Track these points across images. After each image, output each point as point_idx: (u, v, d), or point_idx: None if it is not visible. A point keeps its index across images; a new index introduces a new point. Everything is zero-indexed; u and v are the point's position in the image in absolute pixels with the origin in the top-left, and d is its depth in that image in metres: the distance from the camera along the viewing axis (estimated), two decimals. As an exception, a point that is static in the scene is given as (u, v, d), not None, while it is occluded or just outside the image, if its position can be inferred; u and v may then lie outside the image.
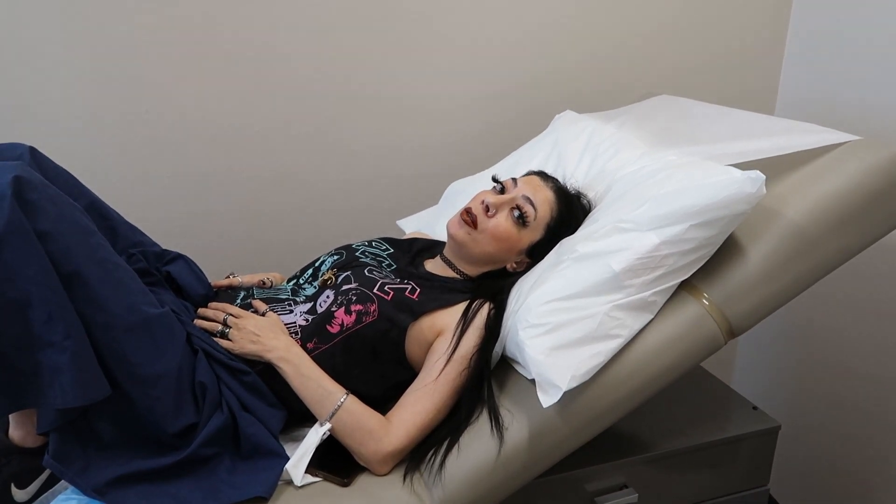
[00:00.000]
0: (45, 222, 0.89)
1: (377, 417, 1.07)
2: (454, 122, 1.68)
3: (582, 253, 1.06)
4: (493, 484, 1.03)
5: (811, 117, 1.29)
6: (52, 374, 0.89)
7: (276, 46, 1.53)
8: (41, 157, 1.09)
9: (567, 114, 1.52)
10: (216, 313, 1.15)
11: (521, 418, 1.04)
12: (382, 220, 1.65)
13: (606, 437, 1.07)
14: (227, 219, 1.62)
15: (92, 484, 0.95)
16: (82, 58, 1.45)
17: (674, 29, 1.73)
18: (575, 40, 1.68)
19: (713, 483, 1.28)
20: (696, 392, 1.39)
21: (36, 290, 0.87)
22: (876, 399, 1.62)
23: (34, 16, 1.40)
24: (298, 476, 1.02)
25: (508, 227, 1.18)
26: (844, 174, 1.07)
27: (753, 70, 1.81)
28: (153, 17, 1.45)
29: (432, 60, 1.62)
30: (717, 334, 1.06)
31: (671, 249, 1.02)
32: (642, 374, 1.04)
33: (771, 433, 1.28)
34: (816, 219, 1.06)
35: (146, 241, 1.22)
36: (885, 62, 1.52)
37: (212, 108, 1.54)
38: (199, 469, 1.01)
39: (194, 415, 1.02)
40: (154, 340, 0.99)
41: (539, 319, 1.02)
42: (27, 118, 1.46)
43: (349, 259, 1.25)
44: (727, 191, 0.99)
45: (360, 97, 1.61)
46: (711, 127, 1.29)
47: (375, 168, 1.66)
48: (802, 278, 1.07)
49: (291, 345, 1.10)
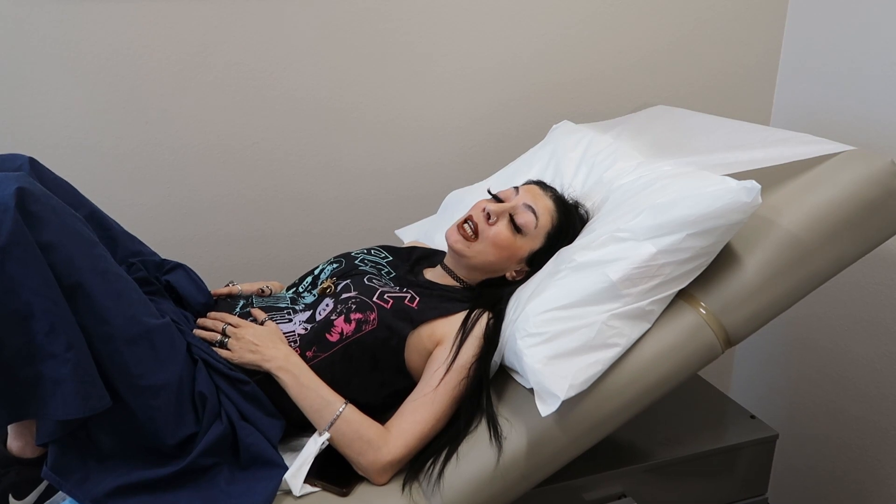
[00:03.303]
0: (47, 234, 0.89)
1: (376, 427, 1.07)
2: (452, 137, 1.68)
3: (580, 262, 1.06)
4: (491, 493, 1.03)
5: (806, 128, 1.30)
6: (54, 386, 0.89)
7: (275, 61, 1.54)
8: (41, 167, 1.09)
9: (564, 124, 1.53)
10: (215, 323, 1.15)
11: (519, 427, 1.04)
12: (381, 229, 1.65)
13: (605, 447, 1.07)
14: (226, 228, 1.62)
15: (91, 495, 0.95)
16: (82, 69, 1.45)
17: (669, 42, 1.74)
18: (571, 54, 1.69)
19: (711, 492, 1.28)
20: (693, 401, 1.39)
21: (38, 302, 0.87)
22: (873, 408, 1.62)
23: (35, 28, 1.41)
24: (297, 486, 1.02)
25: (509, 235, 1.18)
26: (839, 184, 1.08)
27: (749, 81, 1.82)
28: (154, 29, 1.46)
29: (430, 74, 1.62)
30: (715, 343, 1.06)
31: (668, 259, 1.02)
32: (640, 383, 1.04)
33: (768, 442, 1.28)
34: (811, 228, 1.07)
35: (146, 251, 1.22)
36: (879, 73, 1.53)
37: (212, 120, 1.54)
38: (199, 479, 1.01)
39: (194, 425, 1.02)
40: (155, 351, 0.99)
41: (537, 328, 1.02)
42: (27, 130, 1.46)
43: (348, 267, 1.26)
44: (723, 200, 1.00)
45: (359, 111, 1.61)
46: (707, 137, 1.30)
47: (373, 179, 1.67)
48: (798, 287, 1.08)
49: (290, 354, 1.10)
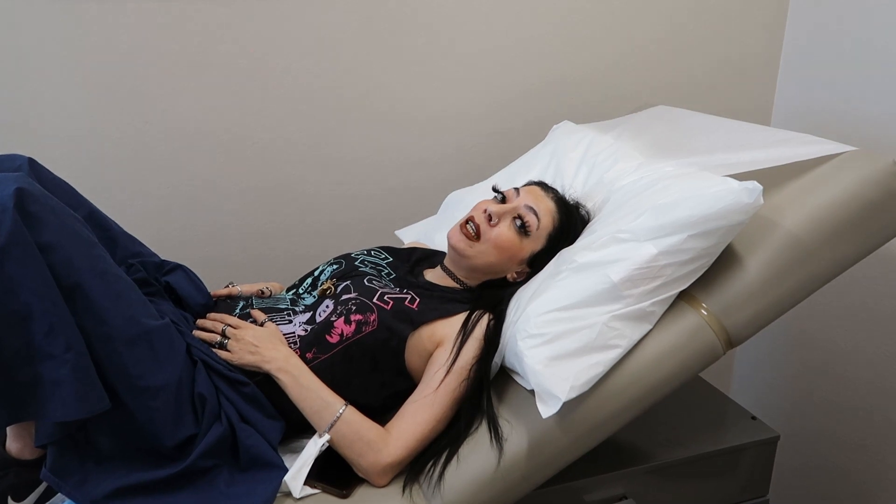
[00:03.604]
0: (46, 234, 0.89)
1: (376, 428, 1.07)
2: (452, 134, 1.68)
3: (581, 263, 1.06)
4: (492, 495, 1.03)
5: (807, 128, 1.30)
6: (52, 387, 0.88)
7: (274, 58, 1.53)
8: (40, 167, 1.08)
9: (564, 124, 1.53)
10: (215, 324, 1.14)
11: (520, 429, 1.04)
12: (381, 230, 1.65)
13: (605, 448, 1.07)
14: (226, 229, 1.62)
15: (90, 497, 0.95)
16: (81, 69, 1.45)
17: (671, 40, 1.74)
18: (572, 52, 1.69)
19: (712, 494, 1.28)
20: (694, 402, 1.39)
21: (37, 303, 0.87)
22: (875, 407, 1.62)
23: (33, 27, 1.40)
24: (297, 488, 1.02)
25: (511, 237, 1.18)
26: (841, 184, 1.07)
27: (750, 81, 1.82)
28: (152, 28, 1.45)
29: (430, 72, 1.62)
30: (716, 344, 1.06)
31: (669, 260, 1.02)
32: (641, 384, 1.04)
33: (770, 443, 1.28)
34: (813, 229, 1.06)
35: (145, 252, 1.21)
36: (881, 73, 1.53)
37: (211, 119, 1.54)
38: (198, 481, 1.01)
39: (194, 427, 1.02)
40: (154, 352, 0.98)
41: (538, 330, 1.02)
42: (26, 129, 1.46)
43: (348, 268, 1.25)
44: (724, 201, 1.00)
45: (359, 109, 1.61)
46: (708, 138, 1.30)
47: (373, 179, 1.67)
48: (800, 288, 1.08)
49: (290, 355, 1.10)
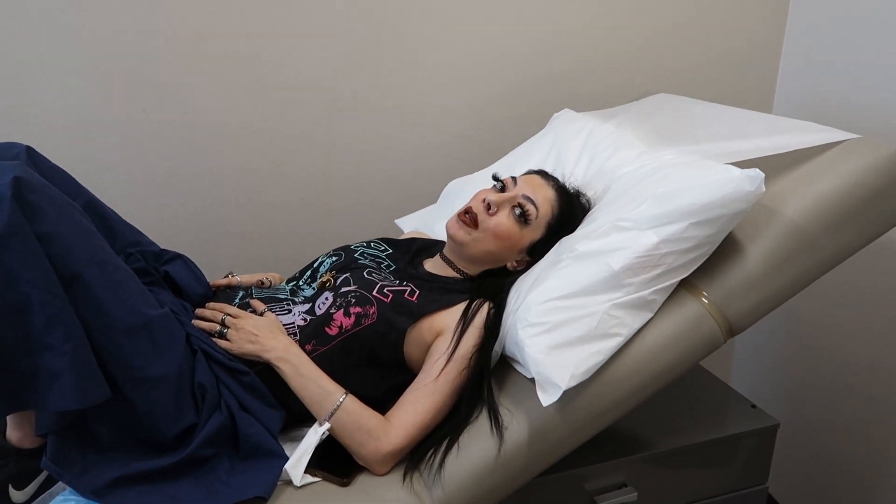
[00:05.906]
0: (45, 224, 0.88)
1: (376, 417, 1.07)
2: (452, 122, 1.67)
3: (581, 252, 1.06)
4: (492, 483, 1.03)
5: (809, 116, 1.29)
6: (51, 377, 0.88)
7: (273, 48, 1.52)
8: (38, 156, 1.08)
9: (565, 112, 1.52)
10: (214, 313, 1.14)
11: (520, 417, 1.04)
12: (381, 219, 1.64)
13: (606, 436, 1.07)
14: (225, 219, 1.61)
15: (90, 486, 0.95)
16: (80, 58, 1.44)
17: (672, 28, 1.73)
18: (573, 40, 1.68)
19: (712, 482, 1.28)
20: (694, 390, 1.39)
21: (36, 293, 0.86)
22: (875, 396, 1.62)
23: (31, 16, 1.39)
24: (298, 476, 1.02)
25: (510, 226, 1.17)
26: (843, 173, 1.07)
27: (751, 68, 1.81)
28: (151, 18, 1.44)
29: (430, 60, 1.61)
30: (717, 333, 1.06)
31: (670, 248, 1.02)
32: (642, 372, 1.04)
33: (769, 431, 1.28)
34: (815, 217, 1.06)
35: (144, 241, 1.21)
36: (883, 60, 1.52)
37: (210, 108, 1.53)
38: (198, 470, 1.01)
39: (194, 416, 1.02)
40: (154, 342, 0.98)
41: (538, 318, 1.01)
42: (24, 118, 1.45)
43: (348, 260, 1.25)
44: (726, 189, 1.00)
45: (358, 97, 1.60)
46: (710, 126, 1.29)
47: (373, 168, 1.66)
48: (801, 277, 1.07)
49: (290, 345, 1.10)
